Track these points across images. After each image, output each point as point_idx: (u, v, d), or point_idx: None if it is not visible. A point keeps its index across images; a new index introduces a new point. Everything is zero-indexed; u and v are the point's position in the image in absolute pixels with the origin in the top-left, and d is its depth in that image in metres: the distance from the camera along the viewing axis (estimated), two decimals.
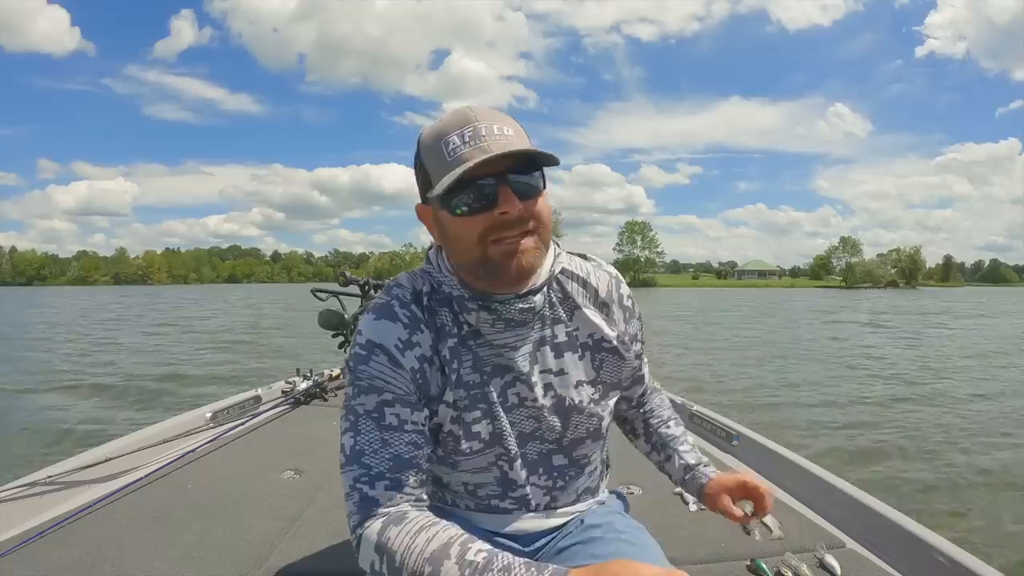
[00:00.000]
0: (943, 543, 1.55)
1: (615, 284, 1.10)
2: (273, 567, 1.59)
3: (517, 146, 0.86)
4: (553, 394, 1.01)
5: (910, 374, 10.34)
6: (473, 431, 0.97)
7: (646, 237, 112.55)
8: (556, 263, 1.01)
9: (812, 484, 2.07)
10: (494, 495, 1.04)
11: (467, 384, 0.97)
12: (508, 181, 0.86)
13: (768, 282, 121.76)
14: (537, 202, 0.90)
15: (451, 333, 0.97)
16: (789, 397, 8.26)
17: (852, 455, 5.43)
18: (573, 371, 1.02)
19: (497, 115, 0.90)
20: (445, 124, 0.88)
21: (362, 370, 0.92)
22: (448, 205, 0.88)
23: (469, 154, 0.84)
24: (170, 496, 2.03)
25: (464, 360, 0.97)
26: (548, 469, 1.05)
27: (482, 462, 1.00)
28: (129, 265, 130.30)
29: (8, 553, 1.58)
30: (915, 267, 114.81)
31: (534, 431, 1.01)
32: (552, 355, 1.01)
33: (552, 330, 1.02)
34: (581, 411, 1.03)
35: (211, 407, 2.90)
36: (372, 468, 0.88)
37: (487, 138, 0.85)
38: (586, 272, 1.07)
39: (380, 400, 0.91)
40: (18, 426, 6.75)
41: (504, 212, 0.86)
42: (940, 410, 7.39)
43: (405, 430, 0.91)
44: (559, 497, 1.07)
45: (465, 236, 0.89)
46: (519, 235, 0.88)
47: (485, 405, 0.98)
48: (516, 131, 0.90)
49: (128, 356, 13.01)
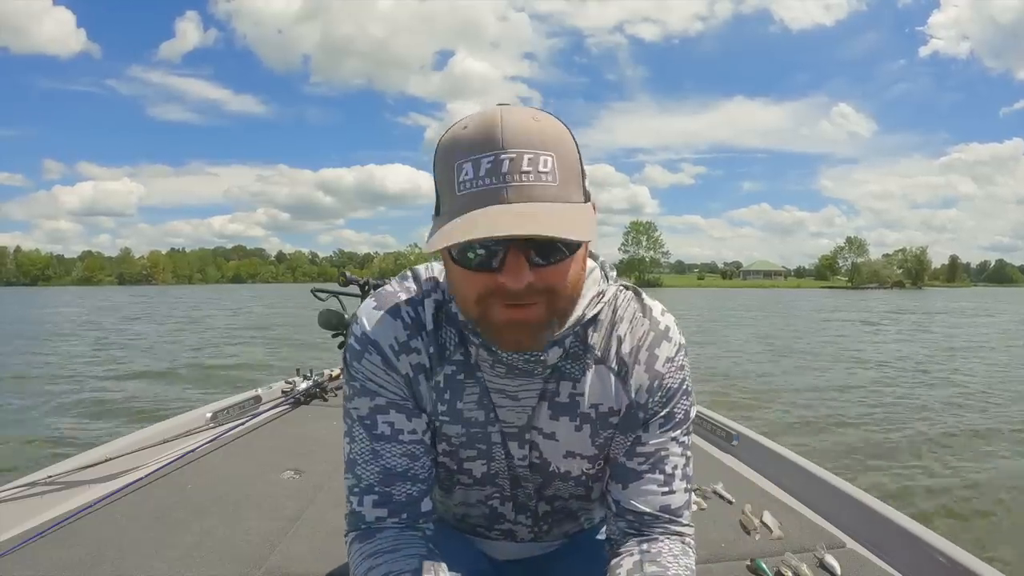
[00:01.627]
0: (943, 543, 1.54)
1: (651, 340, 0.86)
2: (273, 567, 1.59)
3: (545, 195, 0.66)
4: (537, 455, 0.89)
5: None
6: (465, 467, 0.91)
7: (651, 237, 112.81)
8: (590, 307, 0.82)
9: (812, 484, 2.06)
10: (480, 524, 1.02)
11: (467, 421, 0.86)
12: (520, 245, 0.66)
13: (774, 282, 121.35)
14: (558, 270, 0.69)
15: (452, 359, 0.85)
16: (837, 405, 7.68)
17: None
18: (564, 439, 0.87)
19: (536, 133, 0.67)
20: (464, 139, 0.68)
21: (356, 368, 0.85)
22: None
23: (478, 198, 0.65)
24: (170, 496, 2.03)
25: (467, 393, 0.85)
26: (534, 514, 0.98)
27: (471, 497, 0.96)
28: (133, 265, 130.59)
29: (8, 553, 1.58)
30: (922, 267, 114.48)
31: (520, 478, 0.92)
32: (548, 414, 0.86)
33: (558, 385, 0.84)
34: (565, 480, 0.91)
35: (211, 407, 2.90)
36: (362, 480, 0.85)
37: (510, 177, 0.65)
38: (623, 321, 0.86)
39: (373, 405, 0.84)
40: (130, 402, 7.69)
41: (503, 283, 0.67)
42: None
43: (399, 440, 0.84)
44: (544, 536, 1.03)
45: (463, 289, 0.72)
46: (526, 305, 0.70)
47: (484, 446, 0.88)
48: (559, 161, 0.67)
49: (189, 347, 14.23)
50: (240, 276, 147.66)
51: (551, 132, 0.69)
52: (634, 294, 0.90)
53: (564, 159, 0.68)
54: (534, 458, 0.89)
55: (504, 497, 0.95)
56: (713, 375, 9.86)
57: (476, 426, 0.87)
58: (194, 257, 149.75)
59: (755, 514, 1.87)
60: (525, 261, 0.67)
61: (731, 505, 2.00)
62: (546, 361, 0.81)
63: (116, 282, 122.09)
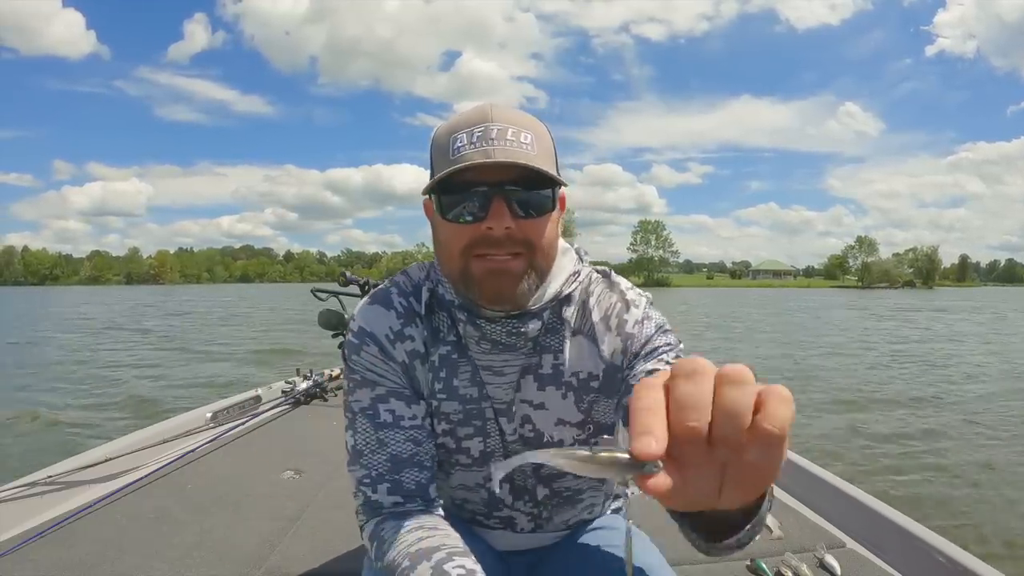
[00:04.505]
0: (943, 543, 1.54)
1: (619, 309, 0.93)
2: (273, 567, 1.59)
3: (526, 157, 0.77)
4: (530, 427, 0.92)
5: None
6: (463, 446, 0.94)
7: (660, 236, 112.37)
8: (567, 285, 0.90)
9: (812, 484, 2.06)
10: (479, 513, 1.02)
11: (463, 397, 0.91)
12: (504, 193, 0.77)
13: (784, 282, 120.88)
14: (536, 223, 0.80)
15: (446, 340, 0.91)
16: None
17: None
18: (553, 407, 0.92)
19: (519, 118, 0.81)
20: (460, 119, 0.81)
21: (355, 361, 0.89)
22: (440, 206, 0.81)
23: (470, 155, 0.76)
24: (170, 496, 2.04)
25: (461, 371, 0.91)
26: (532, 497, 0.99)
27: (470, 480, 0.97)
28: (141, 265, 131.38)
29: (8, 553, 1.59)
30: (933, 267, 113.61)
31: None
32: (535, 386, 0.91)
33: (540, 358, 0.91)
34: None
35: (211, 407, 2.92)
36: (372, 470, 0.87)
37: (496, 141, 0.77)
38: (592, 295, 0.94)
39: (374, 396, 0.88)
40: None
41: (489, 227, 0.77)
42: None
43: (401, 426, 0.87)
44: (545, 525, 1.03)
45: (450, 243, 0.82)
46: (506, 255, 0.79)
47: (479, 422, 0.92)
48: (537, 139, 0.80)
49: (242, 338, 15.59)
50: (248, 276, 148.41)
51: (532, 120, 0.83)
52: (602, 275, 0.98)
53: (541, 139, 0.81)
54: (527, 432, 0.93)
55: (500, 480, 0.95)
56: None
57: (471, 403, 0.91)
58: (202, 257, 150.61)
59: None
60: (507, 210, 0.77)
61: None
62: (527, 334, 0.87)
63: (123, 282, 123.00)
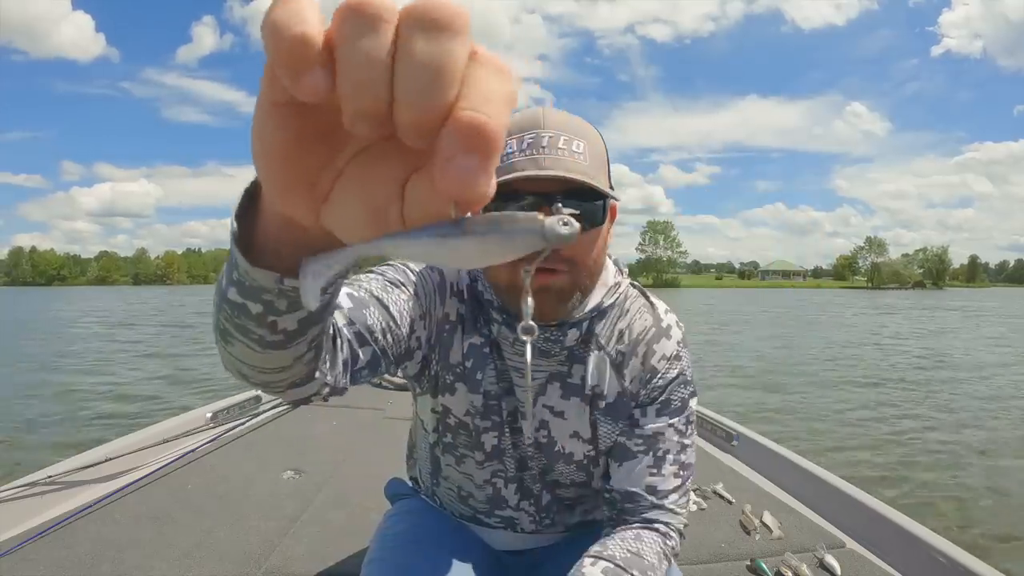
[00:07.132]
0: (943, 543, 1.53)
1: (652, 335, 0.91)
2: (273, 567, 1.59)
3: (577, 167, 0.75)
4: (545, 433, 0.92)
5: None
6: (480, 440, 0.93)
7: (668, 237, 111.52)
8: (607, 296, 0.89)
9: (812, 484, 2.05)
10: (482, 510, 1.01)
11: (486, 393, 0.91)
12: (552, 205, 0.73)
13: (793, 283, 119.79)
14: (583, 240, 0.78)
15: (479, 330, 0.90)
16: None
17: None
18: (572, 418, 0.91)
19: (571, 123, 0.78)
20: (511, 124, 0.75)
21: (404, 265, 0.87)
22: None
23: (519, 164, 0.74)
24: (170, 496, 2.03)
25: (488, 367, 0.90)
26: (537, 501, 0.99)
27: (479, 474, 0.97)
28: (148, 265, 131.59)
29: (8, 553, 1.59)
30: (943, 267, 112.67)
31: (526, 459, 0.95)
32: (560, 393, 0.90)
33: (570, 368, 0.90)
34: (569, 462, 0.93)
35: (211, 407, 2.91)
36: (356, 289, 0.78)
37: (547, 150, 0.75)
38: (628, 312, 0.92)
39: (394, 279, 0.84)
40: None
41: None
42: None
43: (391, 298, 0.80)
44: (546, 528, 1.02)
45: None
46: (551, 271, 0.77)
47: (498, 418, 0.92)
48: (589, 146, 0.78)
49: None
50: None
51: (584, 126, 0.80)
52: (640, 292, 0.96)
53: (594, 147, 0.79)
54: (541, 437, 0.92)
55: (508, 478, 0.96)
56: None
57: (492, 398, 0.91)
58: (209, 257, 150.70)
59: (755, 514, 1.86)
60: None
61: (731, 505, 1.98)
62: (564, 342, 0.86)
63: (131, 282, 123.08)
